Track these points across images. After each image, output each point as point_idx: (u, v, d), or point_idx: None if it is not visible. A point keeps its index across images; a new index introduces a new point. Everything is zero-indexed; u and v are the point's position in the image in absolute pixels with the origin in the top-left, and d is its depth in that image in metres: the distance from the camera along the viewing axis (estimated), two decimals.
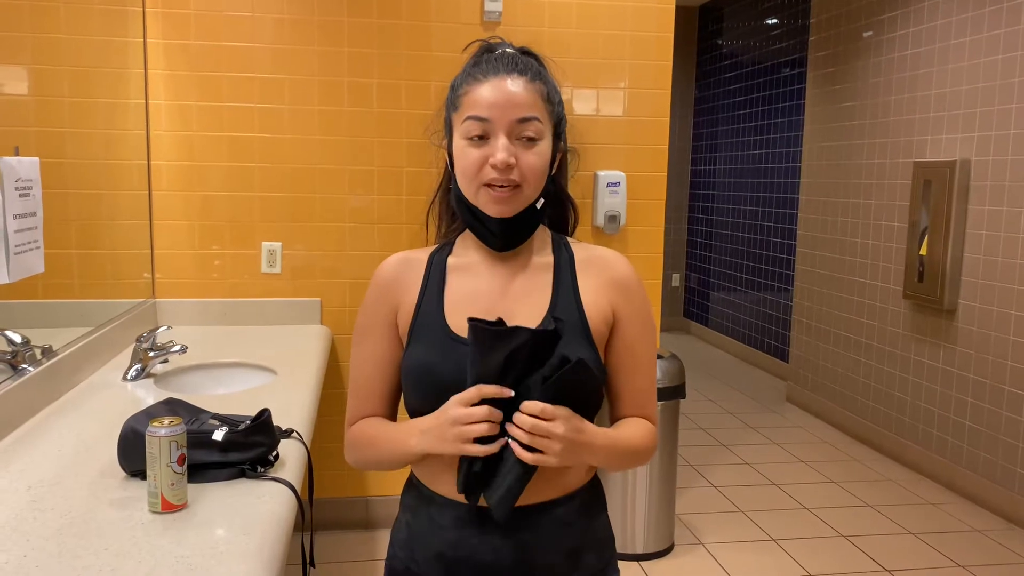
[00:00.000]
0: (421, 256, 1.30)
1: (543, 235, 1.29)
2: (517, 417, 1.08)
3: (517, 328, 1.07)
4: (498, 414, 1.08)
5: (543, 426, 1.06)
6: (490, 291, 1.23)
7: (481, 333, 1.08)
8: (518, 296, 1.22)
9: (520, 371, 1.08)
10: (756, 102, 6.59)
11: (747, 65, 6.76)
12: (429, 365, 1.17)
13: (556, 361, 1.07)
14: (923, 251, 4.06)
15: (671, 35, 3.24)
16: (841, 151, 4.87)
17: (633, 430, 1.24)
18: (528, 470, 1.10)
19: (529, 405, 1.07)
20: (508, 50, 1.25)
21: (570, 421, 1.08)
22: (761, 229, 6.50)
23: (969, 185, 3.84)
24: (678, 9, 3.32)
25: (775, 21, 6.27)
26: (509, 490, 1.09)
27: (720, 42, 7.29)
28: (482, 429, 1.07)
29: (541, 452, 1.07)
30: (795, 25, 5.94)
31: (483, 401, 1.09)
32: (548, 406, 1.07)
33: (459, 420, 1.08)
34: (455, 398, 1.10)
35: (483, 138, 1.17)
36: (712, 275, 7.44)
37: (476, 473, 1.10)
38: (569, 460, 1.10)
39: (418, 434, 1.15)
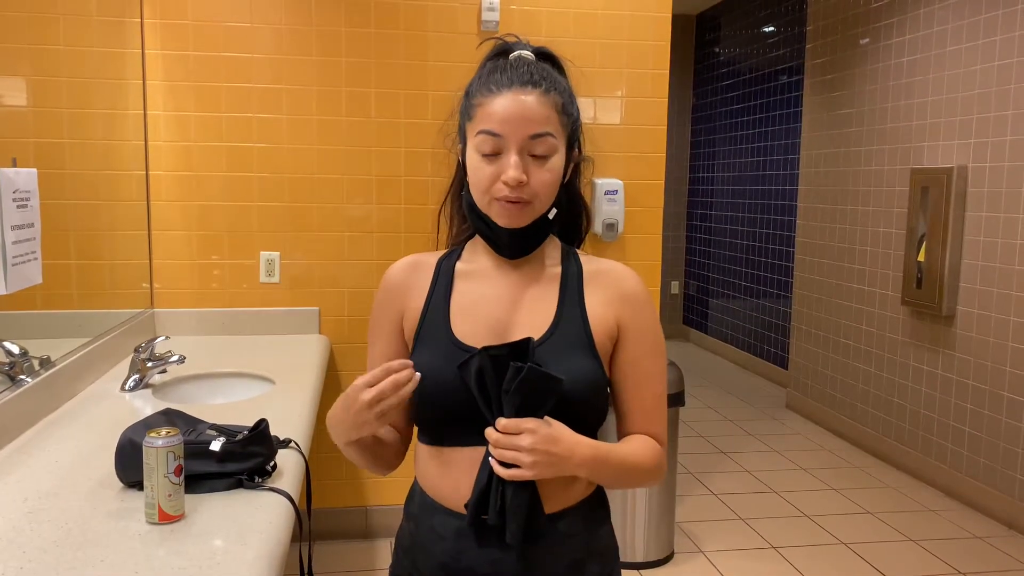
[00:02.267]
0: (430, 260, 1.30)
1: (552, 245, 1.29)
2: (487, 434, 1.09)
3: (477, 352, 1.09)
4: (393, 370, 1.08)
5: (504, 440, 1.07)
6: (496, 299, 1.23)
7: (461, 366, 1.11)
8: (523, 305, 1.22)
9: (496, 390, 1.09)
10: (754, 109, 6.60)
11: (744, 73, 6.78)
12: (433, 371, 1.17)
13: (511, 374, 1.07)
14: (921, 257, 4.07)
15: (668, 44, 3.26)
16: (839, 158, 4.88)
17: (634, 447, 1.22)
18: (520, 487, 1.10)
19: (499, 422, 1.08)
20: (525, 52, 1.23)
21: (539, 432, 1.08)
22: (760, 236, 6.50)
23: (966, 191, 3.85)
24: (675, 17, 3.34)
25: (772, 29, 6.29)
26: (511, 510, 1.10)
27: (717, 50, 7.31)
28: (384, 388, 1.07)
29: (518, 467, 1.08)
30: (792, 33, 5.96)
31: (480, 423, 1.11)
32: (511, 420, 1.07)
33: (371, 402, 1.08)
34: (357, 383, 1.10)
35: (495, 153, 1.16)
36: (711, 282, 7.44)
37: (481, 496, 1.12)
38: (547, 472, 1.09)
39: (333, 429, 1.18)
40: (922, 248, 4.06)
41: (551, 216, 1.23)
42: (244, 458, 1.50)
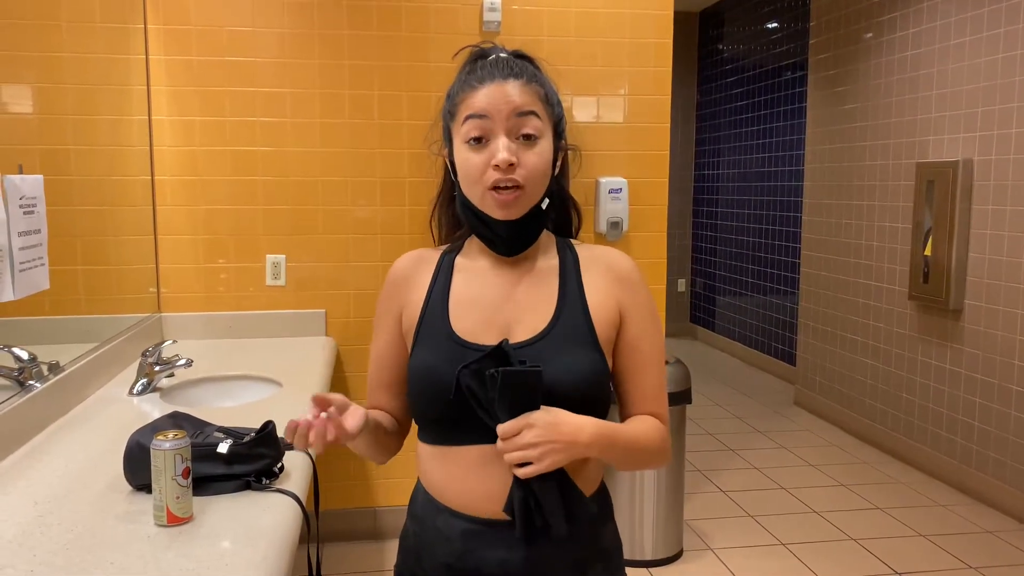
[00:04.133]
0: (433, 256, 1.31)
1: (547, 239, 1.29)
2: (498, 447, 1.10)
3: (457, 372, 1.10)
4: None
5: (509, 444, 1.08)
6: (495, 295, 1.23)
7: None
8: (523, 301, 1.22)
9: (489, 402, 1.10)
10: (758, 106, 6.59)
11: (749, 69, 6.76)
12: (431, 367, 1.18)
13: (488, 384, 1.08)
14: (928, 252, 4.05)
15: (670, 41, 3.26)
16: (844, 153, 4.87)
17: (639, 427, 1.22)
18: (544, 480, 1.10)
19: (498, 428, 1.09)
20: (502, 55, 1.24)
21: (537, 424, 1.08)
22: (766, 233, 6.49)
23: (972, 185, 3.84)
24: (679, 15, 3.34)
25: (776, 25, 6.28)
26: (547, 506, 1.11)
27: (721, 47, 7.30)
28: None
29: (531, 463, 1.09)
30: (796, 28, 5.95)
31: (480, 420, 1.12)
32: (508, 424, 1.08)
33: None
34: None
35: (483, 140, 1.16)
36: (718, 280, 7.43)
37: (523, 507, 1.12)
38: (560, 457, 1.09)
39: None
40: (928, 242, 4.05)
41: (544, 207, 1.22)
42: (251, 460, 1.51)
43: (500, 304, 1.22)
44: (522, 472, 1.08)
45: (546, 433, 1.08)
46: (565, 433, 1.09)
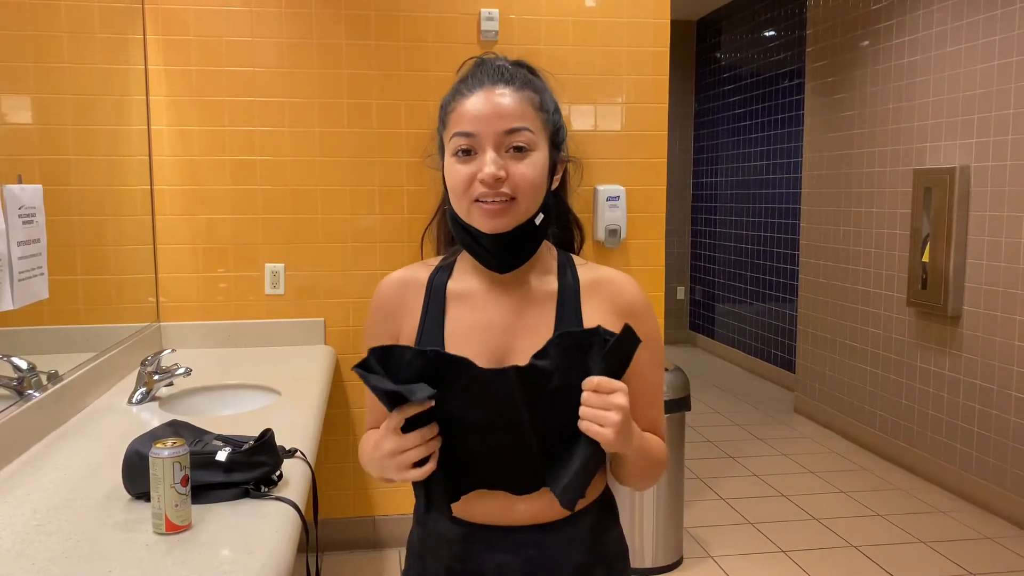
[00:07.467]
0: (421, 277, 1.25)
1: (547, 256, 1.23)
2: (584, 395, 1.01)
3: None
4: (428, 435, 1.04)
5: (597, 399, 1.00)
6: (491, 325, 1.18)
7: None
8: (520, 331, 1.18)
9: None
10: (756, 113, 6.61)
11: (746, 77, 6.79)
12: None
13: (603, 336, 1.00)
14: (926, 258, 4.06)
15: (667, 49, 3.27)
16: (841, 160, 4.88)
17: (652, 441, 1.20)
18: (595, 454, 1.05)
19: (592, 380, 1.00)
20: (497, 62, 1.19)
21: (625, 392, 1.01)
22: (764, 240, 6.50)
23: (969, 191, 3.85)
24: (676, 23, 3.35)
25: (773, 33, 6.30)
26: (576, 475, 1.05)
27: (719, 55, 7.33)
28: (415, 455, 1.04)
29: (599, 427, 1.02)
30: (793, 36, 5.97)
31: (445, 422, 1.07)
32: (606, 379, 1.00)
33: (394, 452, 1.05)
34: (387, 427, 1.06)
35: (471, 153, 1.11)
36: (717, 287, 7.44)
37: (436, 486, 1.09)
38: (623, 437, 1.02)
39: (368, 463, 1.17)
40: (926, 249, 4.06)
41: (538, 222, 1.16)
42: (250, 468, 1.51)
43: (496, 334, 1.18)
44: (596, 431, 1.01)
45: (626, 406, 1.01)
46: (631, 422, 1.04)
